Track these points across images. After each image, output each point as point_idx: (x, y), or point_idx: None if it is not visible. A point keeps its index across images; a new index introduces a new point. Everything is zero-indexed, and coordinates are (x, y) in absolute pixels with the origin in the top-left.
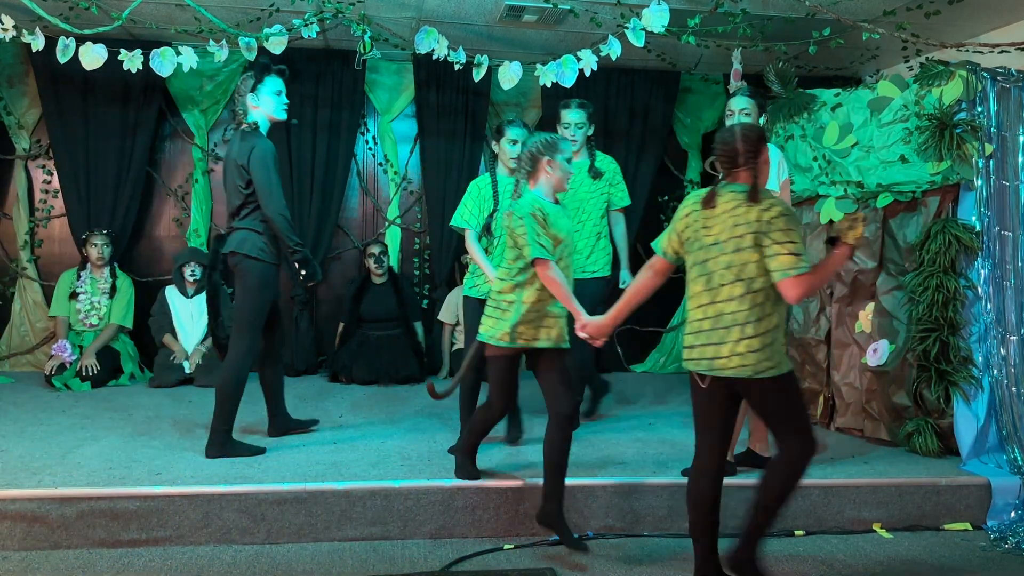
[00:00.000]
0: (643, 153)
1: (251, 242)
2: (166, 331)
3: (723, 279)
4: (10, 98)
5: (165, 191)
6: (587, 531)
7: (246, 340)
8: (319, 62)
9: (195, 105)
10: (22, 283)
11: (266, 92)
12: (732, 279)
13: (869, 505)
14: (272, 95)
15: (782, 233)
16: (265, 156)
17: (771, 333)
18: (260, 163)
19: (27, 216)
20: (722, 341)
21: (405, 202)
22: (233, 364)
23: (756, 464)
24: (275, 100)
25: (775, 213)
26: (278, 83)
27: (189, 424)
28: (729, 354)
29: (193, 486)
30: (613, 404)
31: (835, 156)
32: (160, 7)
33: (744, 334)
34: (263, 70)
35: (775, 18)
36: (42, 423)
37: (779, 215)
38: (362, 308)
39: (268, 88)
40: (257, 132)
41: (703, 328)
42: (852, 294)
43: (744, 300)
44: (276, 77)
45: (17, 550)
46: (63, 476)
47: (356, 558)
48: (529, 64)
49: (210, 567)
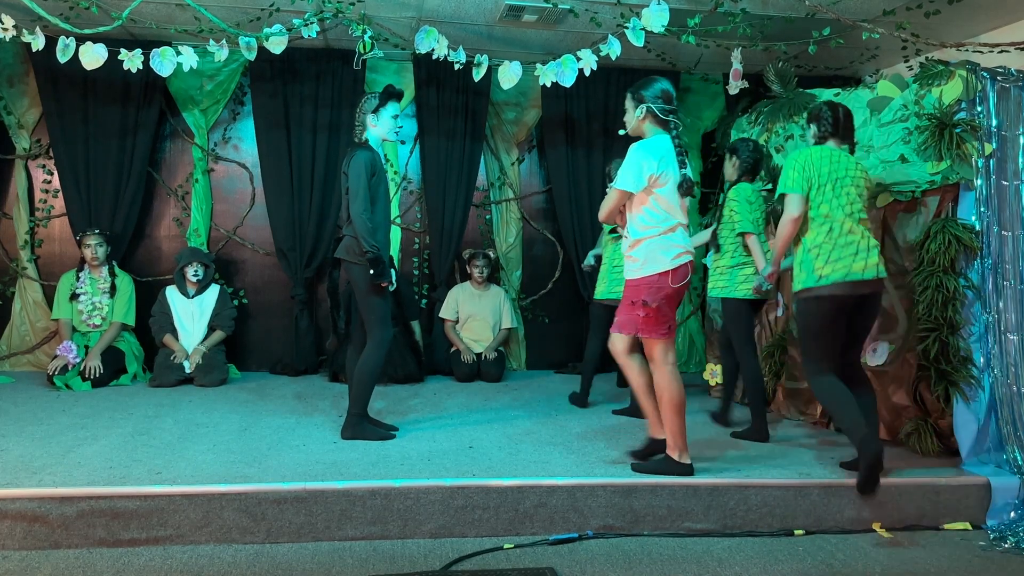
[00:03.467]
0: None
1: (353, 248)
2: (166, 331)
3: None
4: (10, 98)
5: (165, 191)
6: (587, 530)
7: (378, 332)
8: (319, 62)
9: (195, 105)
10: (22, 283)
11: (386, 115)
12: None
13: (869, 505)
14: (390, 119)
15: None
16: (359, 164)
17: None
18: (355, 170)
19: (27, 216)
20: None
21: (405, 202)
22: (371, 354)
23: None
24: (391, 123)
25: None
26: (397, 108)
27: (189, 423)
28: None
29: (193, 485)
30: (613, 405)
31: None
32: (160, 7)
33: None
34: (388, 96)
35: (775, 18)
36: (42, 422)
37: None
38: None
39: (388, 112)
40: (365, 145)
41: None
42: None
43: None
44: (396, 103)
45: (17, 549)
46: (63, 475)
47: (356, 557)
48: (529, 64)
49: (210, 566)
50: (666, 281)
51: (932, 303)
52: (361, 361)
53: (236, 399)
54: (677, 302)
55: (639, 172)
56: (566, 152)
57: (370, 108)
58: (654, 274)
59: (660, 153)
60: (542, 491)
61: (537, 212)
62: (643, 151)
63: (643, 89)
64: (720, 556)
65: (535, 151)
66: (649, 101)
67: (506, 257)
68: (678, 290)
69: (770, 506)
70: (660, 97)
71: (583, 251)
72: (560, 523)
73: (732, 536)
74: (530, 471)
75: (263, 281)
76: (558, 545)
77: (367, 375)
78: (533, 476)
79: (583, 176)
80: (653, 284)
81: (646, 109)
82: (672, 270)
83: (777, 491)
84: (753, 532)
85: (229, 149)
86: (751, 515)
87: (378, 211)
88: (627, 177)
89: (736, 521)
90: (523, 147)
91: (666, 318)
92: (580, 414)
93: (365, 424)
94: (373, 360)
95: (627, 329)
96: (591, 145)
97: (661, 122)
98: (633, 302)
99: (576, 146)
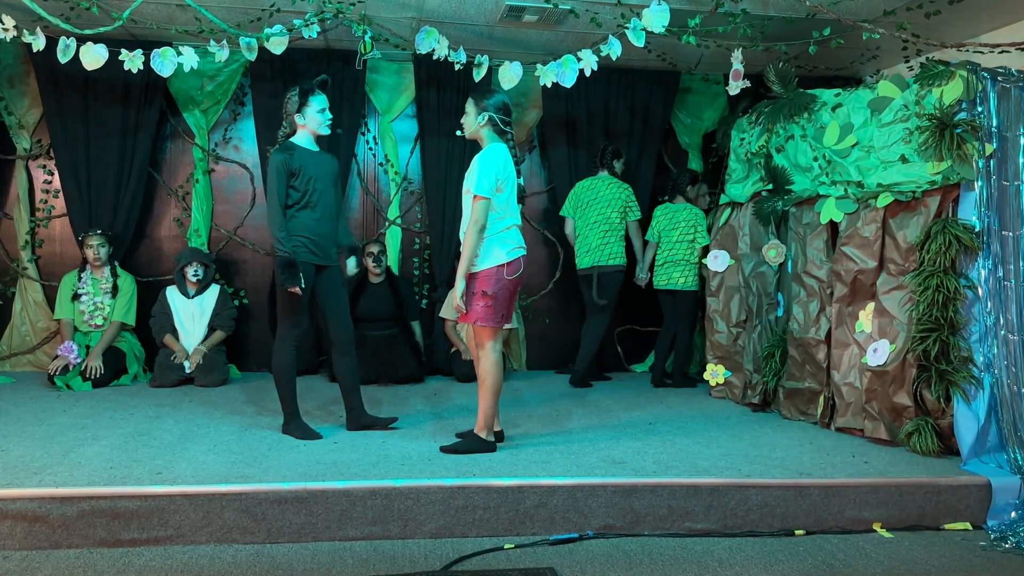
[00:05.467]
0: (643, 152)
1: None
2: (167, 331)
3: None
4: (11, 98)
5: (166, 191)
6: (587, 530)
7: (281, 328)
8: (320, 62)
9: (196, 105)
10: (23, 283)
11: (312, 112)
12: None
13: (869, 505)
14: (316, 114)
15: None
16: (271, 167)
17: None
18: (268, 173)
19: (28, 216)
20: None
21: (405, 202)
22: (275, 350)
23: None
24: (319, 118)
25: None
26: (322, 101)
27: (189, 423)
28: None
29: (194, 485)
30: (613, 404)
31: (835, 156)
32: (161, 7)
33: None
34: (305, 94)
35: (775, 18)
36: (43, 423)
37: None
38: (359, 307)
39: (313, 108)
40: (281, 146)
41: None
42: (852, 294)
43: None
44: (320, 96)
45: (18, 549)
46: (64, 476)
47: (356, 558)
48: (529, 64)
49: (211, 566)
50: (503, 273)
51: (932, 303)
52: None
53: (236, 399)
54: (513, 294)
55: (493, 178)
56: (567, 152)
57: (293, 109)
58: (493, 267)
59: (502, 161)
60: (542, 491)
61: (538, 212)
62: (491, 159)
63: (486, 99)
64: (721, 556)
65: (536, 151)
66: (491, 110)
67: None
68: (514, 281)
69: (771, 506)
70: (501, 109)
71: None
72: (560, 523)
73: (733, 536)
74: (530, 471)
75: (264, 281)
76: (558, 545)
77: (275, 373)
78: (533, 476)
79: (584, 176)
80: (492, 276)
81: (488, 117)
82: (508, 263)
83: (777, 491)
84: (754, 532)
85: (230, 149)
86: (752, 515)
87: (317, 210)
88: (485, 184)
89: (737, 521)
90: (524, 147)
91: (502, 309)
92: (579, 415)
93: (292, 424)
94: (276, 358)
95: (470, 317)
96: (592, 145)
97: (500, 132)
98: (475, 292)
99: (577, 146)
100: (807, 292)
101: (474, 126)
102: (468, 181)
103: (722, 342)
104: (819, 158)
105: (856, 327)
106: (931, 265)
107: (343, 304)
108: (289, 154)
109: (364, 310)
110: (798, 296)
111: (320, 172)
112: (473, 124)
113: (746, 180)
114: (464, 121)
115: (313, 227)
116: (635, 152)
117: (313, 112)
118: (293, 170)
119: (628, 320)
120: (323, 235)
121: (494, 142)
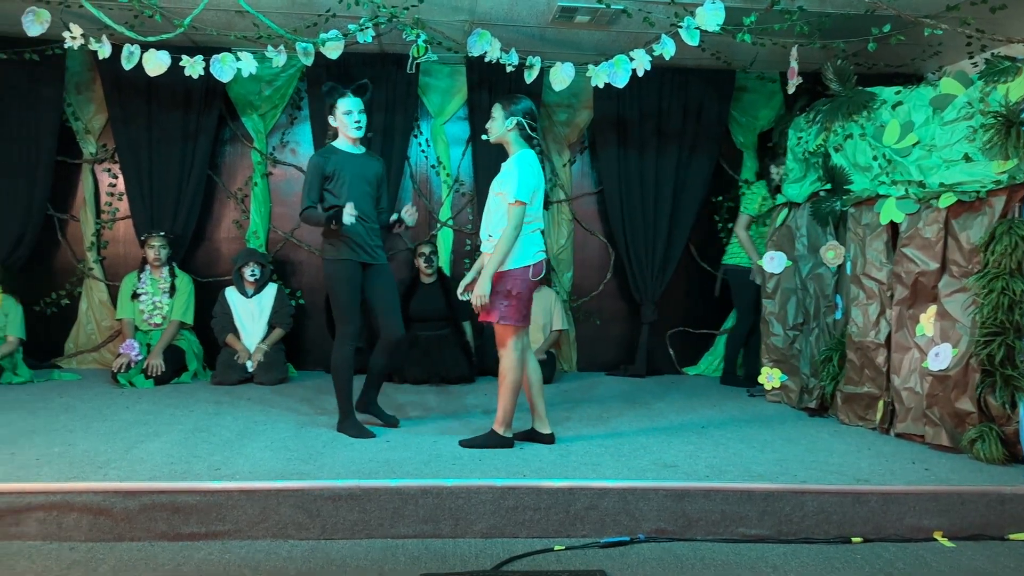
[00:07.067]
0: (696, 153)
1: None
2: (228, 331)
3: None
4: (78, 104)
5: (225, 194)
6: (638, 534)
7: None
8: (374, 66)
9: (254, 110)
10: (89, 283)
11: (339, 114)
12: None
13: (930, 513)
14: (343, 116)
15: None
16: (308, 166)
17: None
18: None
19: (93, 218)
20: None
21: (457, 204)
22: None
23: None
24: (346, 120)
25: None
26: (348, 103)
27: (247, 421)
28: None
29: (251, 482)
30: (665, 407)
31: (896, 155)
32: (220, 14)
33: None
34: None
35: (833, 15)
36: (107, 419)
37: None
38: (411, 308)
39: (339, 111)
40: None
41: None
42: (913, 296)
43: None
44: (345, 99)
45: (83, 541)
46: (127, 470)
47: (408, 555)
48: (581, 65)
49: (267, 561)
50: (528, 274)
51: (997, 306)
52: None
53: (293, 397)
54: (531, 296)
55: (532, 185)
56: (618, 153)
57: (327, 113)
58: (519, 267)
59: (537, 167)
60: (593, 493)
61: (588, 213)
62: (529, 165)
63: (514, 104)
64: (775, 562)
65: (587, 152)
66: (519, 115)
67: (557, 259)
68: (536, 283)
69: (827, 512)
70: (528, 114)
71: (634, 252)
72: (611, 526)
73: (787, 543)
74: (580, 473)
75: (319, 282)
76: (609, 548)
77: (333, 371)
78: (584, 478)
79: (635, 177)
80: (519, 276)
81: (516, 122)
82: (533, 264)
83: (834, 497)
84: (809, 539)
85: (287, 153)
86: (807, 521)
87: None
88: (524, 189)
89: (791, 527)
90: (574, 148)
91: (524, 309)
92: (630, 417)
93: (347, 422)
94: (334, 356)
95: (493, 316)
96: (644, 146)
97: (527, 137)
98: (499, 292)
99: (628, 147)
100: (866, 294)
101: (501, 131)
102: (503, 185)
103: (778, 345)
104: (879, 157)
105: (917, 331)
106: (996, 267)
107: (394, 302)
108: (325, 158)
109: (416, 310)
110: (857, 299)
111: (357, 175)
112: (500, 129)
113: (803, 180)
114: (490, 126)
115: (349, 228)
116: (687, 153)
117: (340, 115)
118: (327, 174)
119: (681, 321)
120: (361, 235)
121: (522, 147)
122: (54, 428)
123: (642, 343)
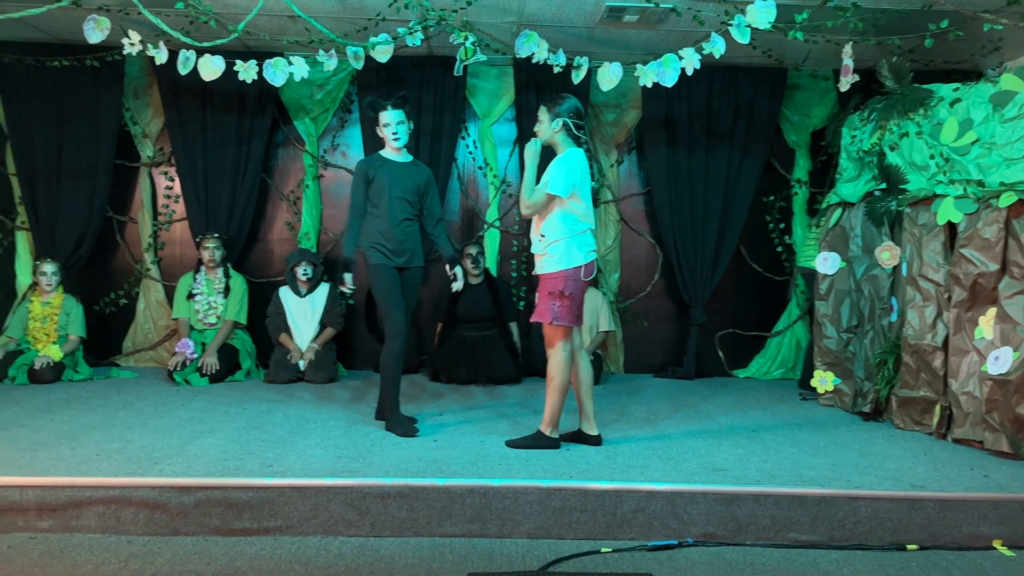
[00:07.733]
0: (748, 152)
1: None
2: (282, 330)
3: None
4: (136, 108)
5: (278, 196)
6: (687, 538)
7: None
8: (423, 69)
9: (306, 113)
10: (146, 283)
11: (380, 126)
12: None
13: (989, 521)
14: (383, 127)
15: None
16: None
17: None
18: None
19: (151, 220)
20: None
21: (504, 205)
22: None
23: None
24: (385, 132)
25: None
26: (387, 116)
27: (299, 419)
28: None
29: (302, 478)
30: (713, 410)
31: (954, 154)
32: (273, 19)
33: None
34: (366, 110)
35: (888, 11)
36: (163, 416)
37: None
38: (458, 308)
39: (380, 123)
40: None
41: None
42: (972, 299)
43: None
44: (383, 112)
45: (140, 535)
46: (182, 466)
47: (456, 554)
48: (629, 64)
49: (317, 557)
50: (579, 274)
51: None
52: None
53: (343, 396)
54: (583, 296)
55: (571, 183)
56: (666, 153)
57: (374, 123)
58: (571, 268)
59: (582, 167)
60: (640, 496)
61: (636, 214)
62: (573, 164)
63: (559, 105)
64: (827, 568)
65: (634, 153)
66: (565, 115)
67: (604, 260)
68: (587, 283)
69: (881, 519)
70: (574, 113)
71: (683, 253)
72: (659, 529)
73: (840, 549)
74: (628, 475)
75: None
76: (657, 551)
77: (381, 368)
78: (631, 480)
79: (684, 177)
80: (570, 276)
81: (562, 123)
82: (585, 264)
83: (889, 503)
84: (862, 545)
85: (338, 156)
86: (860, 527)
87: (386, 221)
88: (562, 184)
89: (844, 533)
90: (622, 149)
91: (576, 309)
92: (678, 419)
93: (393, 419)
94: (383, 354)
95: (545, 317)
96: (692, 146)
97: (574, 136)
98: (551, 292)
99: (677, 147)
100: (923, 296)
101: (548, 133)
102: (544, 178)
103: (831, 348)
104: (936, 156)
105: (976, 333)
106: None
107: (409, 304)
108: (367, 164)
109: (463, 311)
110: (913, 301)
111: (396, 183)
112: (547, 131)
113: (858, 179)
114: (538, 129)
115: (384, 232)
116: (739, 152)
117: (381, 127)
118: (368, 179)
119: (731, 323)
120: (395, 241)
121: (570, 147)
122: (112, 424)
123: (691, 345)
